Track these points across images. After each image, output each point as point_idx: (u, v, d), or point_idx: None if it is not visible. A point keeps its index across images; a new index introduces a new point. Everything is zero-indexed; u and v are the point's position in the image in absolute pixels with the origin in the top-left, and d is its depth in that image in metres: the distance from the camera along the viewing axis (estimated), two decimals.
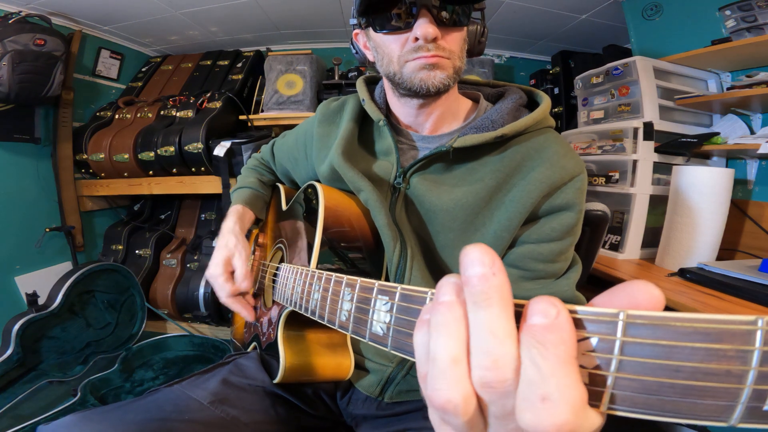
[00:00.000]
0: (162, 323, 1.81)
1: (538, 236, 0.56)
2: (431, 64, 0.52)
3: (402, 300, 0.28)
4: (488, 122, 0.57)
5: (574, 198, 0.56)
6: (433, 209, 0.58)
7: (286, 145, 0.80)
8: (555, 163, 0.55)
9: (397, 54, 0.54)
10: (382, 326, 0.30)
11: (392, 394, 0.63)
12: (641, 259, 1.28)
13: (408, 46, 0.53)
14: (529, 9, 1.72)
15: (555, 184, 0.54)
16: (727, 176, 1.11)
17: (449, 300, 0.21)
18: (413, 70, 0.53)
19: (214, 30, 2.02)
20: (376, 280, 0.31)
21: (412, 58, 0.53)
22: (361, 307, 0.32)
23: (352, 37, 0.65)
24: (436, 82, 0.53)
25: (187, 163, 1.70)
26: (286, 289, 0.55)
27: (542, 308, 0.18)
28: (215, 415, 0.55)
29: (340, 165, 0.60)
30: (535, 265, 0.56)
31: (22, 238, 1.65)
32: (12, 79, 1.40)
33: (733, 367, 0.15)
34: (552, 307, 0.18)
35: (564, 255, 0.58)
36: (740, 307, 0.86)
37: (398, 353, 0.28)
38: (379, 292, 0.30)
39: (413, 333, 0.23)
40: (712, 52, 1.23)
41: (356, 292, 0.33)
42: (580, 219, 0.58)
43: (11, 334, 1.27)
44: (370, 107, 0.63)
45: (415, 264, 0.57)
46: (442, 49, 0.52)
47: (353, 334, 0.33)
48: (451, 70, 0.54)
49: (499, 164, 0.57)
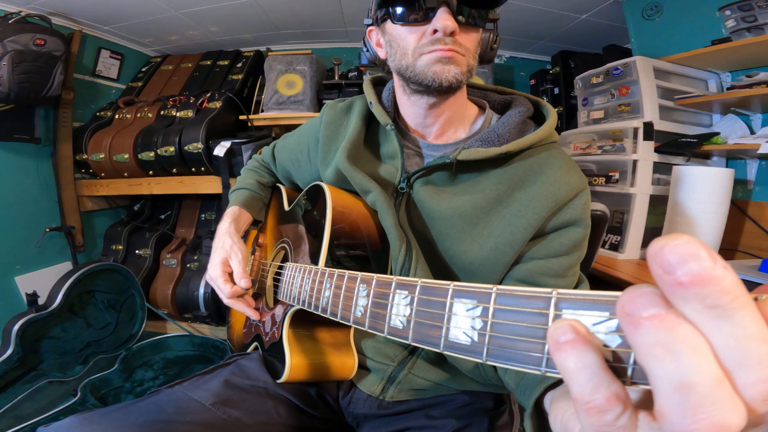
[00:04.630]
0: (162, 323, 1.81)
1: (547, 252, 0.56)
2: (447, 57, 0.52)
3: (423, 293, 0.29)
4: (494, 135, 0.57)
5: (581, 213, 0.56)
6: (433, 215, 0.58)
7: (288, 147, 0.79)
8: (559, 179, 0.55)
9: (413, 46, 0.54)
10: (402, 320, 0.31)
11: (393, 393, 0.64)
12: (641, 259, 1.28)
13: (425, 38, 0.53)
14: (529, 9, 1.71)
15: (561, 201, 0.55)
16: (727, 176, 1.11)
17: (666, 313, 0.16)
18: (427, 63, 0.53)
19: (214, 30, 2.02)
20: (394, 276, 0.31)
21: (427, 50, 0.53)
22: (378, 302, 0.33)
23: (365, 35, 0.65)
24: (449, 77, 0.52)
25: (187, 163, 1.70)
26: (292, 287, 0.55)
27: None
28: (217, 416, 0.55)
29: (346, 168, 0.61)
30: (546, 281, 0.56)
31: (22, 238, 1.65)
32: (12, 79, 1.40)
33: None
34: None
35: (572, 270, 0.58)
36: None
37: (419, 345, 0.29)
38: (398, 287, 0.31)
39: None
40: (712, 52, 1.23)
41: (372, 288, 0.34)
42: (587, 234, 0.58)
43: (11, 334, 1.27)
44: (378, 110, 0.63)
45: (419, 265, 0.57)
46: (459, 44, 0.53)
47: (370, 329, 0.34)
48: (465, 67, 0.54)
49: (501, 177, 0.57)
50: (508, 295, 0.24)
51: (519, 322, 0.23)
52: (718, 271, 0.15)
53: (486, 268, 0.57)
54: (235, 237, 0.70)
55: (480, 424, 0.62)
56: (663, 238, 0.16)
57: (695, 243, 0.15)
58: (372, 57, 0.65)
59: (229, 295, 0.65)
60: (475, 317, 0.25)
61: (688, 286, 0.15)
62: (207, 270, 0.68)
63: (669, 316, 0.16)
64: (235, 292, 0.65)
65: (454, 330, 0.27)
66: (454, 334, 0.27)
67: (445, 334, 0.27)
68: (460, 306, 0.26)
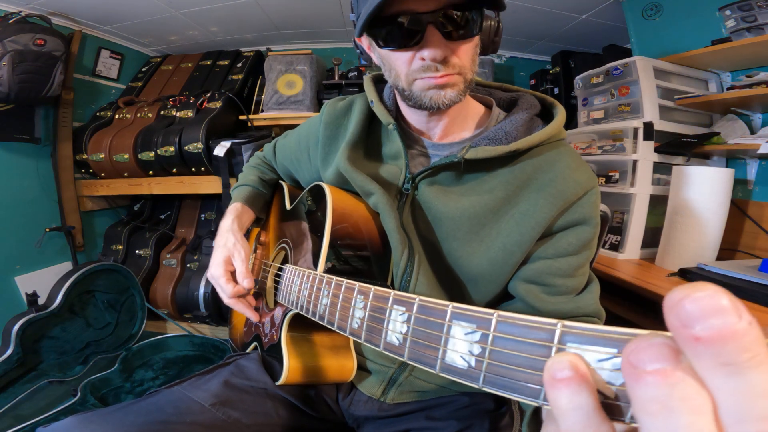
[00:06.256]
0: (162, 323, 1.81)
1: (555, 251, 0.55)
2: (440, 85, 0.50)
3: (420, 312, 0.28)
4: (502, 134, 0.55)
5: (590, 212, 0.55)
6: (439, 216, 0.57)
7: (288, 146, 0.78)
8: (568, 178, 0.54)
9: (404, 71, 0.52)
10: (398, 336, 0.30)
11: (394, 395, 0.63)
12: (641, 259, 1.28)
13: (416, 64, 0.50)
14: (529, 9, 1.71)
15: (569, 199, 0.54)
16: (727, 176, 1.11)
17: (672, 369, 0.15)
18: (422, 89, 0.51)
19: (214, 30, 2.02)
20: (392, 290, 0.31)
21: (420, 77, 0.51)
22: (374, 316, 0.32)
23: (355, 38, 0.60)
24: (446, 101, 0.51)
25: (187, 163, 1.70)
26: (291, 291, 0.55)
27: None
28: (217, 417, 0.55)
29: (347, 170, 0.59)
30: (554, 280, 0.55)
31: (22, 238, 1.65)
32: (12, 79, 1.40)
33: None
34: None
35: (581, 269, 0.57)
36: None
37: (415, 363, 0.28)
38: (395, 302, 0.30)
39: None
40: (712, 52, 1.23)
41: (369, 301, 0.33)
42: (596, 233, 0.57)
43: (11, 334, 1.26)
44: (380, 109, 0.61)
45: (422, 270, 0.56)
46: (452, 66, 0.50)
47: (366, 342, 0.33)
48: (462, 85, 0.52)
49: (509, 176, 0.55)
50: (510, 323, 0.23)
51: (519, 352, 0.22)
52: (741, 325, 0.14)
53: (493, 269, 0.56)
54: (238, 234, 0.69)
55: (481, 425, 0.62)
56: (685, 288, 0.15)
57: (720, 295, 0.14)
58: (366, 59, 0.63)
59: (231, 295, 0.64)
60: (474, 342, 0.25)
61: (707, 342, 0.14)
62: (209, 268, 0.67)
63: (675, 373, 0.15)
64: (237, 292, 0.64)
65: (451, 353, 0.26)
66: (450, 357, 0.26)
67: (442, 356, 0.27)
68: (458, 329, 0.26)
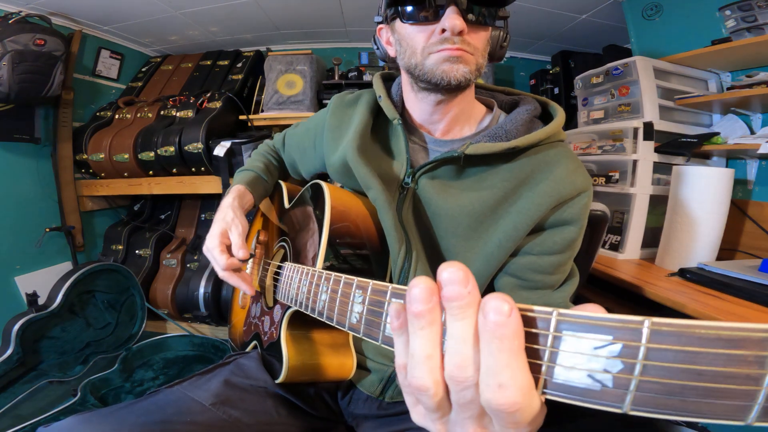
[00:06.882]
0: (162, 323, 1.81)
1: (540, 248, 0.57)
2: (455, 57, 0.52)
3: None
4: (502, 131, 0.57)
5: (579, 213, 0.57)
6: (439, 212, 0.58)
7: (297, 134, 0.81)
8: (564, 178, 0.56)
9: (421, 45, 0.54)
10: None
11: (393, 394, 0.64)
12: (641, 259, 1.28)
13: (434, 38, 0.53)
14: (529, 9, 1.71)
15: (563, 198, 0.55)
16: (727, 176, 1.11)
17: (424, 309, 0.24)
18: (436, 62, 0.53)
19: (214, 30, 2.02)
20: (390, 284, 0.31)
21: (436, 50, 0.53)
22: (373, 310, 0.32)
23: (375, 33, 0.66)
24: (458, 75, 0.53)
25: (187, 163, 1.70)
26: (290, 288, 0.55)
27: (496, 306, 0.21)
28: (217, 416, 0.55)
29: (353, 159, 0.61)
30: (534, 276, 0.58)
31: (22, 238, 1.65)
32: (12, 79, 1.40)
33: (752, 371, 0.17)
34: (505, 304, 0.21)
35: (562, 267, 0.59)
36: (740, 307, 0.86)
37: None
38: (394, 296, 0.30)
39: (391, 326, 0.26)
40: (712, 52, 1.23)
41: (368, 295, 0.33)
42: (581, 235, 0.59)
43: (11, 334, 1.27)
44: (386, 104, 0.63)
45: (419, 266, 0.57)
46: (467, 44, 0.53)
47: (365, 336, 0.33)
48: (474, 65, 0.54)
49: (508, 174, 0.57)
50: None
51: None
52: (464, 292, 0.23)
53: (488, 265, 0.57)
54: (238, 211, 0.69)
55: None
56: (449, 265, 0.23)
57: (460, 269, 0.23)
58: (382, 55, 0.65)
59: (225, 267, 0.63)
60: None
61: (446, 299, 0.23)
62: (205, 241, 0.66)
63: (427, 311, 0.24)
64: (230, 264, 0.63)
65: None
66: None
67: None
68: None
